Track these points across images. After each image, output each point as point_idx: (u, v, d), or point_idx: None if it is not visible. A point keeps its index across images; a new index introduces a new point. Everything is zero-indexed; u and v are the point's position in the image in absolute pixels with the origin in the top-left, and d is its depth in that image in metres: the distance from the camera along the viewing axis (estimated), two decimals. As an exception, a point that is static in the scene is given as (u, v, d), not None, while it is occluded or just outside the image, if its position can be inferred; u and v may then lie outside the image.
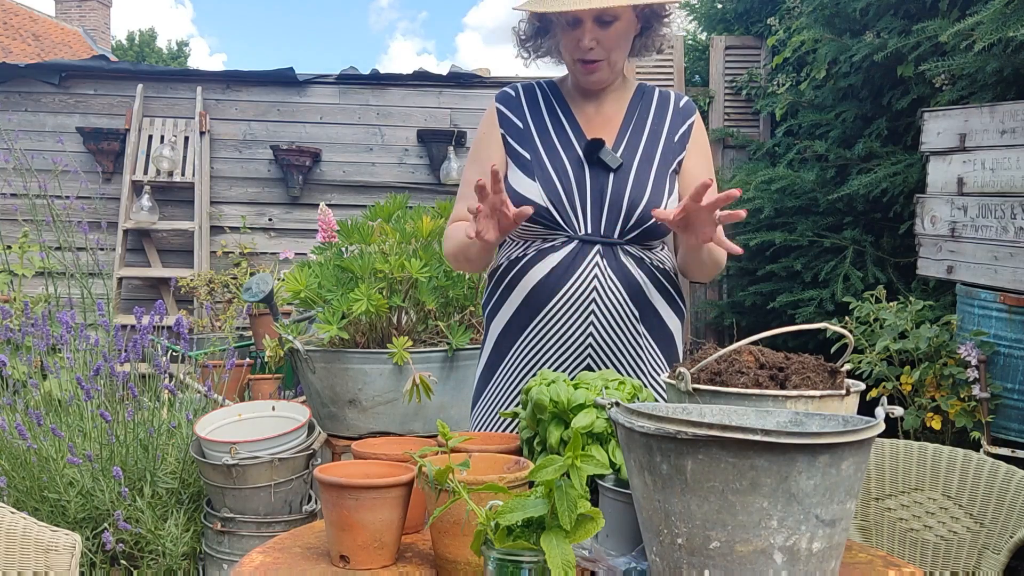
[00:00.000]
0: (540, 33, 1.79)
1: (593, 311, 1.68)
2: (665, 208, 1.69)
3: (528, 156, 1.75)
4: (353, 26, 79.71)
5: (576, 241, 1.70)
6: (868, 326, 3.25)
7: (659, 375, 1.73)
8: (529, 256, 1.73)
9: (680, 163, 1.78)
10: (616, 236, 1.70)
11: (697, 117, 1.84)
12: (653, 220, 1.67)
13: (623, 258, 1.70)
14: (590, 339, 1.69)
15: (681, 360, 1.78)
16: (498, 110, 1.82)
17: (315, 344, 2.52)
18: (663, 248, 1.79)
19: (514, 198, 1.70)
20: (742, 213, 1.43)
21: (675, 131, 1.79)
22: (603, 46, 1.67)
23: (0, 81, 5.71)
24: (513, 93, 1.84)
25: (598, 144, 1.72)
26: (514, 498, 1.04)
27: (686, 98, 1.85)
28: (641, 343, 1.72)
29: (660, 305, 1.75)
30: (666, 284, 1.76)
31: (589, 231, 1.70)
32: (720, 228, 1.50)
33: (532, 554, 1.00)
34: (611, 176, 1.71)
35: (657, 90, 1.85)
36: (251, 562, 1.25)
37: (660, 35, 1.77)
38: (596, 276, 1.68)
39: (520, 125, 1.79)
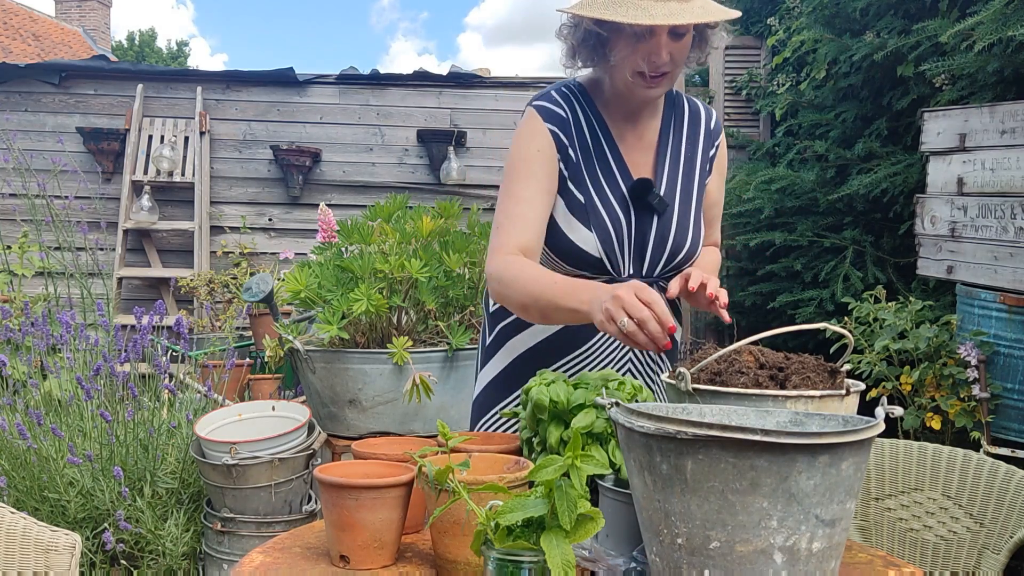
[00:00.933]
0: (599, 44, 1.62)
1: (631, 351, 1.70)
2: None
3: (582, 199, 1.64)
4: (354, 26, 79.77)
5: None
6: (868, 326, 3.25)
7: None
8: None
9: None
10: (655, 275, 1.69)
11: (723, 137, 1.79)
12: (691, 259, 1.70)
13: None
14: (626, 373, 1.69)
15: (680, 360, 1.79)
16: (554, 135, 1.65)
17: (315, 344, 2.52)
18: None
19: (566, 247, 1.63)
20: (726, 319, 1.48)
21: (706, 157, 1.76)
22: (673, 59, 1.57)
23: (0, 81, 5.71)
24: (563, 113, 1.67)
25: (646, 186, 1.64)
26: (514, 498, 1.04)
27: (716, 117, 1.80)
28: (661, 364, 1.75)
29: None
30: (677, 302, 1.76)
31: (631, 272, 1.67)
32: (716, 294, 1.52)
33: (532, 554, 1.00)
34: (655, 219, 1.66)
35: (686, 102, 1.78)
36: (251, 562, 1.25)
37: (708, 48, 1.68)
38: None
39: (573, 158, 1.66)
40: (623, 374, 1.65)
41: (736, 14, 1.56)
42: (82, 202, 5.42)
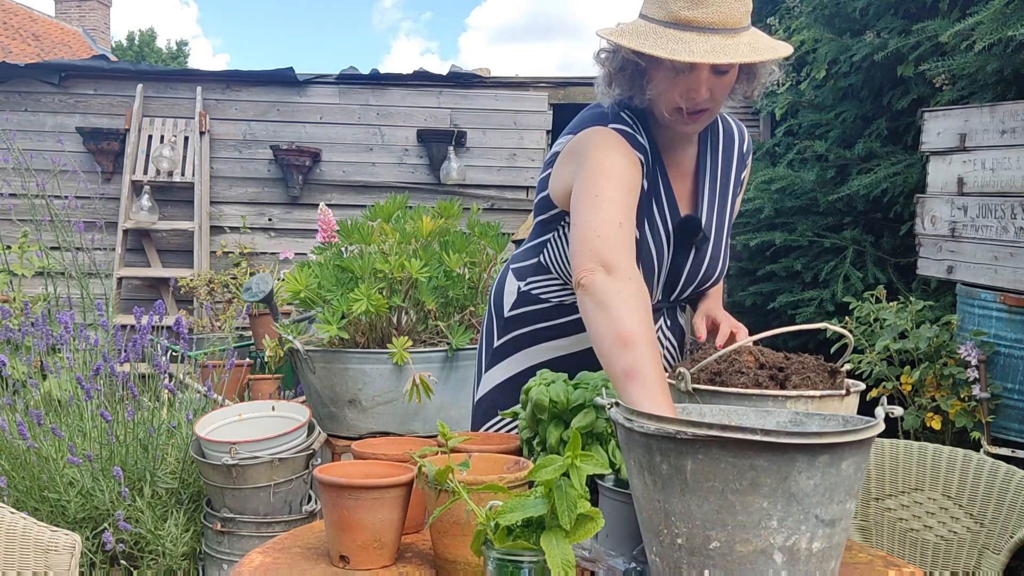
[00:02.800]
0: (637, 73, 1.53)
1: None
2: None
3: (638, 236, 1.56)
4: (356, 26, 79.76)
5: None
6: (868, 326, 3.25)
7: None
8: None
9: None
10: (681, 299, 1.69)
11: (750, 158, 1.76)
12: (715, 284, 1.69)
13: (678, 315, 1.72)
14: None
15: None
16: (642, 165, 1.56)
17: (315, 344, 2.52)
18: None
19: None
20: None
21: (738, 180, 1.72)
22: (714, 96, 1.49)
23: (0, 81, 5.71)
24: (644, 143, 1.57)
25: (695, 225, 1.60)
26: (514, 498, 1.04)
27: (747, 137, 1.74)
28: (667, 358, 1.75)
29: (686, 335, 1.77)
30: (688, 315, 1.78)
31: (659, 299, 1.66)
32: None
33: (532, 554, 1.00)
34: (692, 252, 1.63)
35: (720, 122, 1.70)
36: (251, 562, 1.25)
37: (758, 84, 1.59)
38: (660, 341, 1.68)
39: (644, 190, 1.57)
40: None
41: (787, 51, 1.48)
42: (82, 202, 5.42)
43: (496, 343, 1.77)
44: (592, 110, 1.62)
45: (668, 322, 1.70)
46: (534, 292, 1.72)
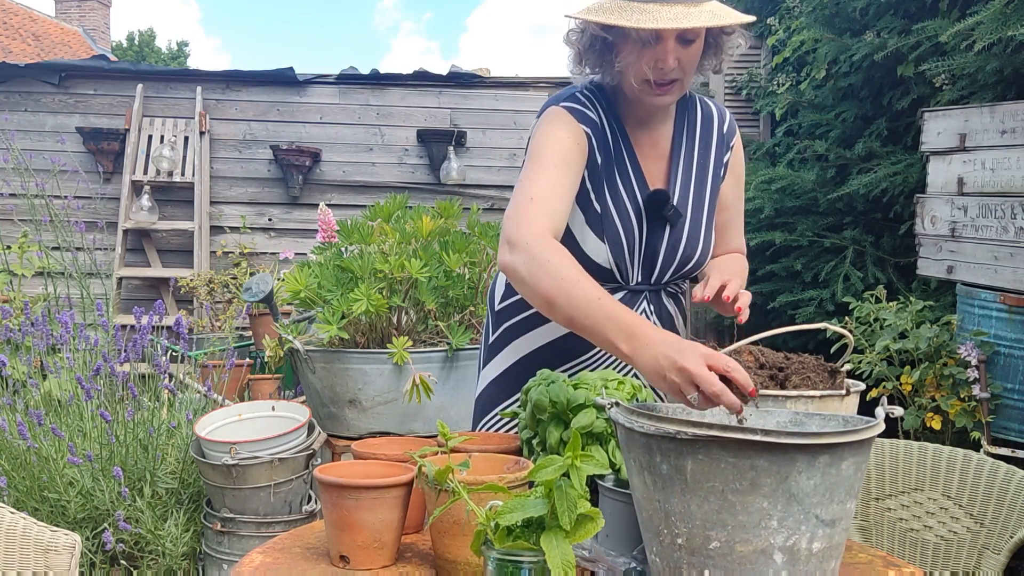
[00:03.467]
0: (606, 49, 1.56)
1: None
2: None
3: (599, 210, 1.61)
4: (357, 26, 79.76)
5: (625, 291, 1.66)
6: (868, 326, 3.25)
7: None
8: None
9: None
10: (663, 282, 1.69)
11: (738, 138, 1.75)
12: (701, 267, 1.68)
13: (665, 299, 1.71)
14: (632, 376, 1.68)
15: None
16: (588, 138, 1.59)
17: (315, 344, 2.52)
18: None
19: (575, 254, 1.49)
20: (741, 320, 1.51)
21: (720, 162, 1.71)
22: (682, 66, 1.51)
23: (0, 81, 5.71)
24: (593, 116, 1.61)
25: (663, 198, 1.61)
26: (514, 498, 1.04)
27: (729, 118, 1.74)
28: None
29: (680, 329, 1.76)
30: (684, 303, 1.77)
31: (639, 281, 1.66)
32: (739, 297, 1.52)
33: (532, 554, 1.00)
34: (667, 229, 1.64)
35: (699, 105, 1.73)
36: (251, 562, 1.25)
37: (724, 55, 1.62)
38: None
39: (598, 166, 1.61)
40: (631, 375, 1.65)
41: (750, 19, 1.52)
42: (82, 202, 5.42)
43: (491, 339, 1.79)
44: (556, 94, 1.67)
45: (652, 306, 1.68)
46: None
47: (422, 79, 5.94)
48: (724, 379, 1.11)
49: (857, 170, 3.96)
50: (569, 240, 1.59)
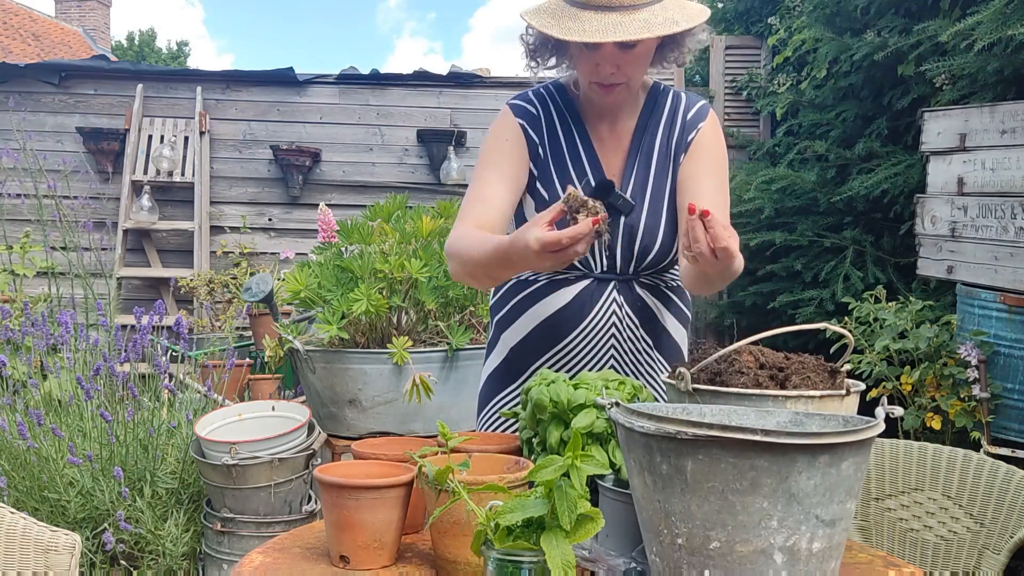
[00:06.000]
0: (556, 48, 1.63)
1: (613, 345, 1.68)
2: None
3: (547, 196, 1.65)
4: (360, 26, 79.75)
5: (591, 279, 1.67)
6: (868, 326, 3.25)
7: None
8: (541, 284, 1.70)
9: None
10: (631, 272, 1.68)
11: (707, 123, 1.69)
12: (666, 258, 1.67)
13: (639, 290, 1.69)
14: (609, 367, 1.69)
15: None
16: (522, 128, 1.67)
17: (315, 344, 2.52)
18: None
19: None
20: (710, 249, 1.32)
21: (680, 150, 1.68)
22: (623, 70, 1.53)
23: (0, 81, 5.71)
24: (534, 110, 1.69)
25: (608, 187, 1.62)
26: (514, 498, 1.04)
27: (699, 105, 1.71)
28: (655, 365, 1.74)
29: (671, 324, 1.75)
30: (677, 301, 1.76)
31: (604, 269, 1.67)
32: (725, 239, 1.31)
33: (532, 554, 1.00)
34: (622, 219, 1.64)
35: (671, 95, 1.72)
36: (251, 562, 1.25)
37: (686, 48, 1.62)
38: (614, 312, 1.67)
39: (542, 155, 1.67)
40: (607, 364, 1.68)
41: (683, 28, 1.48)
42: (82, 202, 5.42)
43: (489, 336, 1.84)
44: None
45: (622, 296, 1.67)
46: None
47: (422, 79, 5.94)
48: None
49: (857, 170, 3.96)
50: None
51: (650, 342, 1.72)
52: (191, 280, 5.16)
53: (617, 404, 1.09)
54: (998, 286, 2.87)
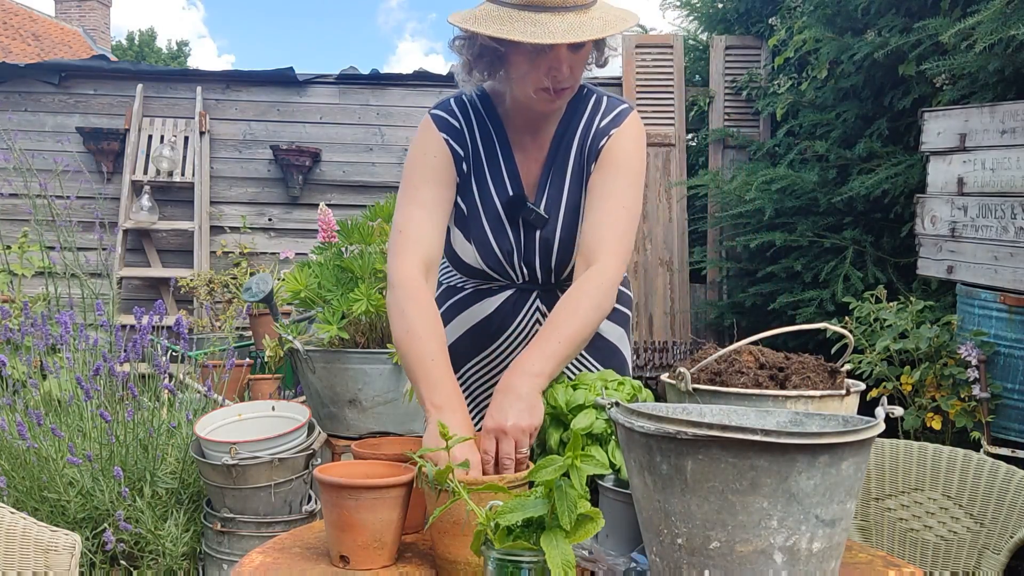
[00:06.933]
0: (496, 58, 1.54)
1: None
2: None
3: (465, 209, 1.64)
4: (362, 27, 79.77)
5: (513, 289, 1.70)
6: (869, 326, 3.25)
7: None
8: (468, 292, 1.74)
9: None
10: (552, 282, 1.69)
11: (620, 130, 1.62)
12: None
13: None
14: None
15: (631, 363, 1.82)
16: (448, 144, 1.62)
17: (315, 344, 2.52)
18: None
19: (449, 254, 1.69)
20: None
21: (591, 158, 1.63)
22: (573, 72, 1.52)
23: (0, 81, 5.71)
24: (456, 123, 1.64)
25: (520, 201, 1.62)
26: (514, 498, 1.04)
27: (617, 111, 1.64)
28: (586, 365, 1.75)
29: (603, 326, 1.74)
30: (618, 346, 1.77)
31: (526, 280, 1.68)
32: None
33: (532, 554, 1.00)
34: (537, 233, 1.63)
35: (593, 100, 1.66)
36: (251, 562, 1.25)
37: (607, 49, 1.61)
38: (538, 320, 1.70)
39: (464, 169, 1.64)
40: None
41: (635, 20, 1.49)
42: (82, 202, 5.42)
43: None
44: (440, 99, 1.71)
45: (545, 305, 1.69)
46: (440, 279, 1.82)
47: (422, 79, 5.94)
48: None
49: (858, 170, 3.96)
50: (448, 238, 1.65)
51: None
52: (191, 280, 5.16)
53: (617, 404, 1.09)
54: (998, 286, 2.87)
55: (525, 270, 1.67)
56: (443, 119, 1.64)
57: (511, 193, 1.64)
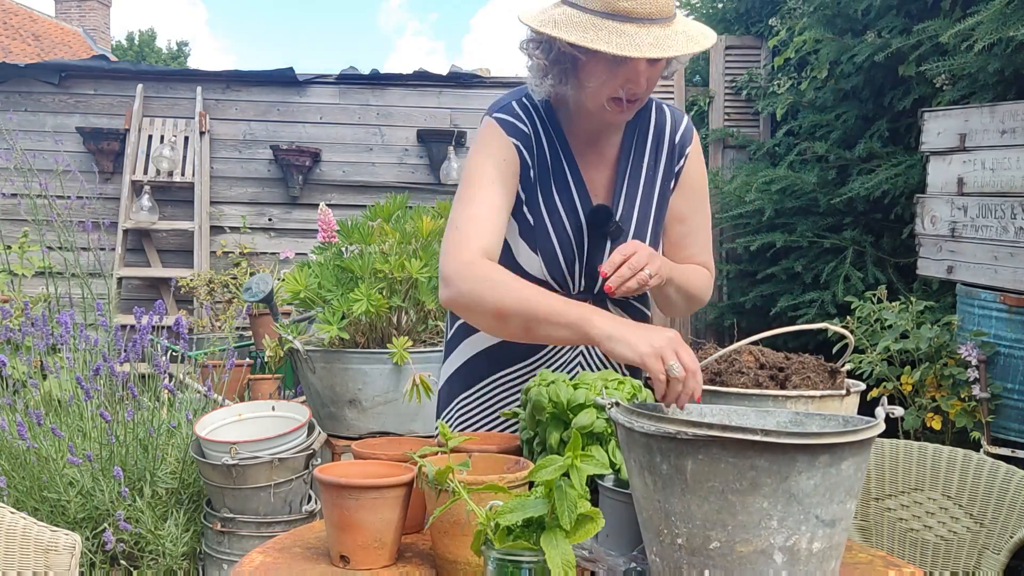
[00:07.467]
0: (572, 64, 1.50)
1: (580, 363, 1.68)
2: None
3: (532, 222, 1.60)
4: (363, 27, 79.81)
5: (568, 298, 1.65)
6: (869, 326, 3.25)
7: None
8: None
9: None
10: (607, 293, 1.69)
11: (692, 149, 1.67)
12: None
13: (611, 308, 1.67)
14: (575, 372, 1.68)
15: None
16: (518, 151, 1.57)
17: (315, 344, 2.52)
18: None
19: (509, 265, 1.57)
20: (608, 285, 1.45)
21: (669, 175, 1.66)
22: (648, 84, 1.49)
23: (0, 81, 5.71)
24: (526, 129, 1.59)
25: (606, 214, 1.59)
26: (514, 498, 1.04)
27: (684, 126, 1.67)
28: (612, 367, 1.72)
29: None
30: (642, 309, 1.75)
31: (581, 290, 1.65)
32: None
33: (532, 554, 1.00)
34: (609, 243, 1.61)
35: (653, 108, 1.67)
36: (251, 562, 1.25)
37: (678, 63, 1.58)
38: None
39: (532, 178, 1.60)
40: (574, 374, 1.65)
41: (714, 37, 1.48)
42: (82, 202, 5.42)
43: (449, 335, 1.79)
44: (497, 100, 1.65)
45: None
46: None
47: (422, 79, 5.94)
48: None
49: (858, 171, 3.96)
50: (504, 252, 1.58)
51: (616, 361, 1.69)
52: (191, 280, 5.16)
53: (617, 404, 1.09)
54: (998, 286, 2.87)
55: (584, 280, 1.64)
56: (512, 124, 1.58)
57: (581, 203, 1.60)
